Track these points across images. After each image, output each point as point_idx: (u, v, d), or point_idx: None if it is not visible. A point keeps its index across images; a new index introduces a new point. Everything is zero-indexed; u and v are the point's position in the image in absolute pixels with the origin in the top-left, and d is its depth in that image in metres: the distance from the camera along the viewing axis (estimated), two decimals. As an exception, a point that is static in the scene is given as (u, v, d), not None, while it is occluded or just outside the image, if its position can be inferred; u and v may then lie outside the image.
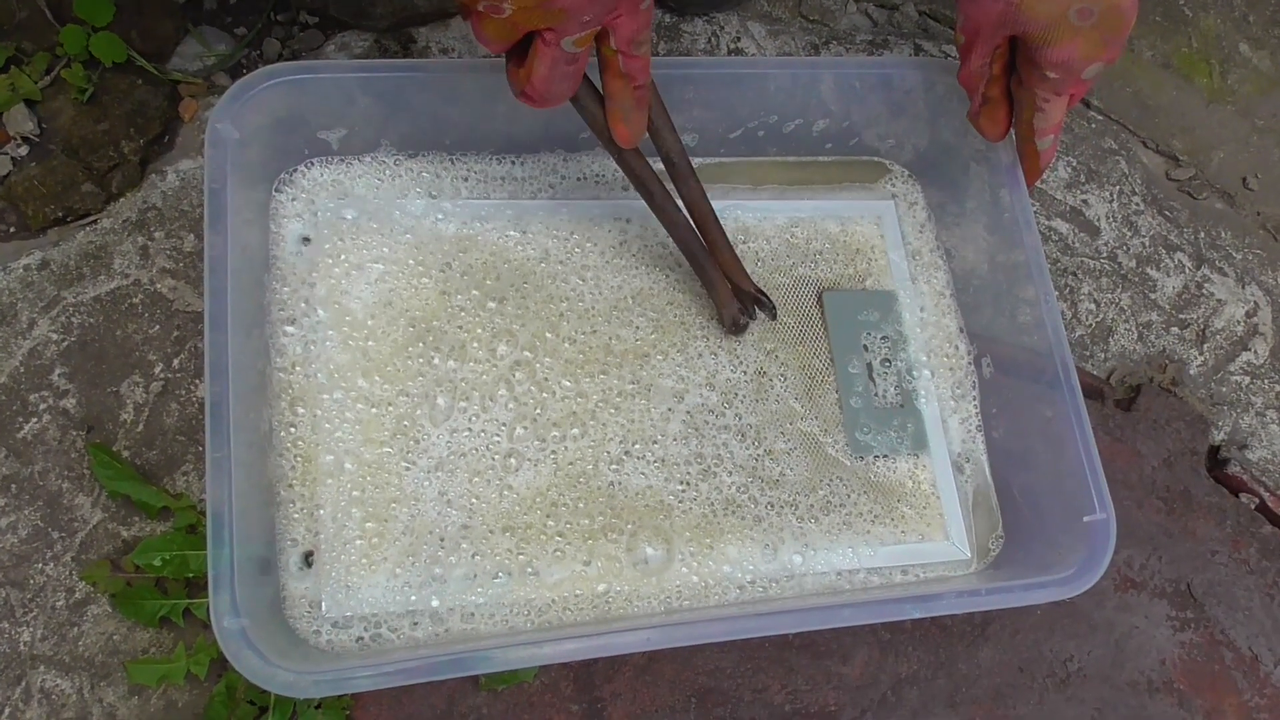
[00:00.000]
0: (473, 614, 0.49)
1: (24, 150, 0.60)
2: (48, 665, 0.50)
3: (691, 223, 0.54)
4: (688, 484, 0.54)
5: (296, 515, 0.49)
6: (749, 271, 0.56)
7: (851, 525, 0.55)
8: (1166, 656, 0.60)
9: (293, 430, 0.51)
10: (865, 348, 0.59)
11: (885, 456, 0.57)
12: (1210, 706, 0.59)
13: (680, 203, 0.54)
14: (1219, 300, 0.70)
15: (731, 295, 0.56)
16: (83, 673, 0.51)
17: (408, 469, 0.51)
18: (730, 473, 0.55)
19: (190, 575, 0.51)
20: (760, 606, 0.51)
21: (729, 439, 0.56)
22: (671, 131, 0.52)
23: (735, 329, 0.57)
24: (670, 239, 0.55)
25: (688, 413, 0.56)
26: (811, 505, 0.55)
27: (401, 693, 0.52)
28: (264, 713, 0.50)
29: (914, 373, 0.59)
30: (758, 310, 0.57)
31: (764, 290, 0.57)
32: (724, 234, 0.55)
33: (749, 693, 0.55)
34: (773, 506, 0.54)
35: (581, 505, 0.52)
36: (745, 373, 0.57)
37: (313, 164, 0.56)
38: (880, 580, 0.54)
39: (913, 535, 0.55)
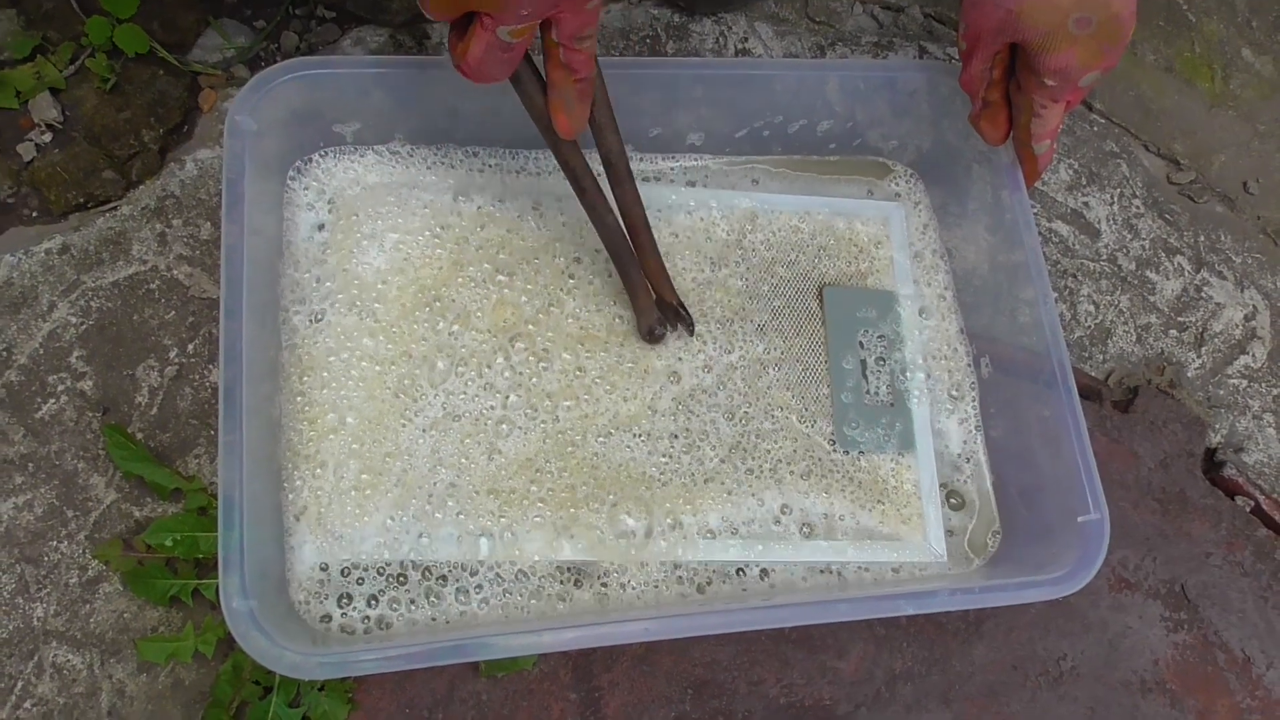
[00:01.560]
0: (455, 574, 0.51)
1: (48, 137, 0.61)
2: (60, 641, 0.51)
3: (622, 226, 0.53)
4: (670, 456, 0.55)
5: (300, 480, 0.51)
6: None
7: (829, 515, 0.56)
8: (1160, 657, 0.60)
9: (300, 399, 0.52)
10: (861, 345, 0.60)
11: (870, 453, 0.57)
12: (1202, 707, 0.60)
13: (613, 204, 0.53)
14: (1218, 304, 0.70)
15: (653, 304, 0.56)
16: (93, 649, 0.52)
17: (404, 426, 0.53)
18: (714, 448, 0.56)
19: (200, 556, 0.52)
20: (757, 600, 0.52)
21: (717, 417, 0.56)
22: (614, 132, 0.51)
23: (651, 338, 0.57)
24: (611, 234, 0.54)
25: (680, 394, 0.57)
26: (792, 492, 0.56)
27: (403, 677, 0.53)
28: (269, 693, 0.50)
29: (908, 373, 0.60)
30: (678, 325, 0.57)
31: (685, 304, 0.57)
32: (654, 241, 0.54)
33: (745, 685, 0.55)
34: (752, 488, 0.55)
35: (566, 475, 0.54)
36: (740, 360, 0.58)
37: (327, 153, 0.57)
38: (872, 576, 0.55)
39: (890, 532, 0.56)
